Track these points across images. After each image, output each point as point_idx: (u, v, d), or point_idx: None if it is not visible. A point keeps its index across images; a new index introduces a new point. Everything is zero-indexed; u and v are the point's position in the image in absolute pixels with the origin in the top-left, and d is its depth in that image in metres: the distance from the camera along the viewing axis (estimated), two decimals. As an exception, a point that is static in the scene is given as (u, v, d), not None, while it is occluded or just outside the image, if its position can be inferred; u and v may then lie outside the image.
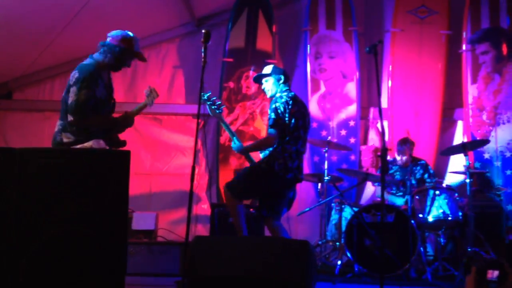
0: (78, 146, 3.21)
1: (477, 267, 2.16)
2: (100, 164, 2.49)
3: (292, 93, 3.80)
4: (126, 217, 2.65)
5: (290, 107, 3.64)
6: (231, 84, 5.86)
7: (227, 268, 2.75)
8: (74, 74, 3.26)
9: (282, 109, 3.63)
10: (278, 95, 3.77)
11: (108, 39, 3.42)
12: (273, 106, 3.66)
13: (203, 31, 3.26)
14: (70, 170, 2.45)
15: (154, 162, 5.85)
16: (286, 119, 3.63)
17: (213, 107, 3.84)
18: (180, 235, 5.04)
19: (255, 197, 4.12)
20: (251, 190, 3.79)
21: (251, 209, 4.70)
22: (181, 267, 4.21)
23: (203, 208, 5.75)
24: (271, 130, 3.62)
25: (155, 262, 4.26)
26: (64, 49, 5.57)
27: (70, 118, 3.20)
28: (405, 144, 5.11)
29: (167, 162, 5.78)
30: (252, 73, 5.85)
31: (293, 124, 3.65)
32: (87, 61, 3.38)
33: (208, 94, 3.85)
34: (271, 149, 3.69)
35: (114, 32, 3.46)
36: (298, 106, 3.72)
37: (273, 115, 3.62)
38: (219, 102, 3.87)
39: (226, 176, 5.49)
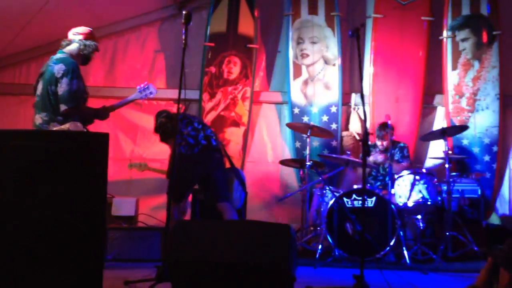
0: (55, 129, 3.18)
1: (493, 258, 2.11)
2: (78, 146, 2.43)
3: None
4: (104, 201, 2.61)
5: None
6: (213, 69, 5.79)
7: (208, 253, 2.73)
8: (60, 67, 3.42)
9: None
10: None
11: (74, 35, 3.61)
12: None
13: (183, 12, 3.22)
14: (46, 152, 2.39)
15: (135, 147, 5.78)
16: None
17: None
18: (162, 221, 5.01)
19: (189, 188, 4.37)
20: (183, 185, 4.13)
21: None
22: (162, 253, 4.18)
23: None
24: None
25: (135, 247, 4.23)
26: (40, 32, 5.42)
27: (63, 107, 3.35)
28: (384, 129, 5.16)
29: (147, 147, 5.71)
30: (233, 58, 5.81)
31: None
32: (63, 55, 3.54)
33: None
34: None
35: (78, 28, 3.66)
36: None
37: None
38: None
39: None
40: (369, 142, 5.56)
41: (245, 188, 4.62)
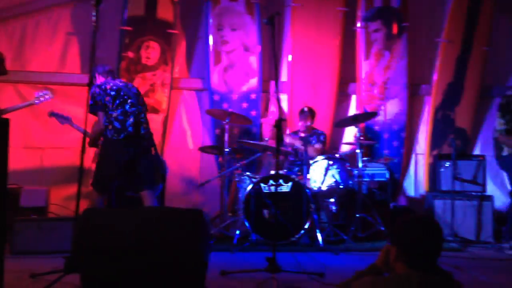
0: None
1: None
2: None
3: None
4: (5, 190, 2.48)
5: (104, 86, 4.16)
6: (130, 54, 5.63)
7: (118, 240, 2.69)
8: None
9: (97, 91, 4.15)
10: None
11: None
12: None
13: (94, -7, 3.10)
14: None
15: (46, 134, 5.50)
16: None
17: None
18: (75, 211, 4.83)
19: (113, 177, 4.19)
20: (105, 172, 4.06)
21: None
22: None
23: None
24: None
25: (45, 239, 4.06)
26: None
27: None
28: (304, 112, 5.38)
29: (60, 135, 5.47)
30: (152, 43, 5.68)
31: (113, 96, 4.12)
32: None
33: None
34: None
35: None
36: (113, 82, 4.23)
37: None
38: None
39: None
40: (288, 129, 5.72)
41: (164, 178, 4.58)
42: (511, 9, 6.37)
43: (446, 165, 5.47)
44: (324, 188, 4.81)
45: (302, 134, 5.43)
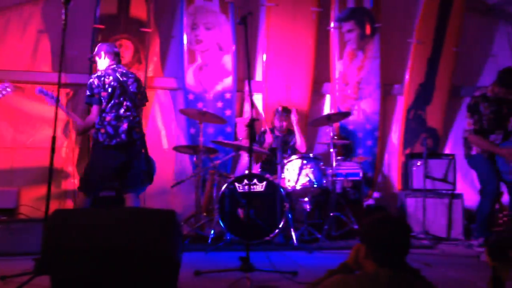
0: None
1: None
2: None
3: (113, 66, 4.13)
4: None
5: (103, 79, 3.99)
6: (103, 53, 5.55)
7: (89, 241, 2.65)
8: None
9: (95, 83, 4.00)
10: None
11: None
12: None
13: (64, -9, 3.05)
14: None
15: (17, 134, 5.39)
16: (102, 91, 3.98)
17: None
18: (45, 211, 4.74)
19: (101, 182, 4.11)
20: (94, 176, 3.96)
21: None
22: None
23: (73, 182, 5.46)
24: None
25: (15, 241, 3.97)
26: None
27: None
28: (278, 112, 5.40)
29: (31, 134, 5.35)
30: (125, 41, 5.62)
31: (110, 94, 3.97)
32: None
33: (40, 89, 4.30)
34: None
35: None
36: (113, 76, 4.03)
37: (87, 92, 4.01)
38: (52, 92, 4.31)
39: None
40: (263, 128, 5.73)
41: (152, 178, 4.48)
42: (480, 11, 6.52)
43: (418, 164, 5.57)
44: (298, 187, 4.84)
45: (279, 134, 5.44)
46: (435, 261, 4.08)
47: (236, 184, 4.69)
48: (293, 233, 4.55)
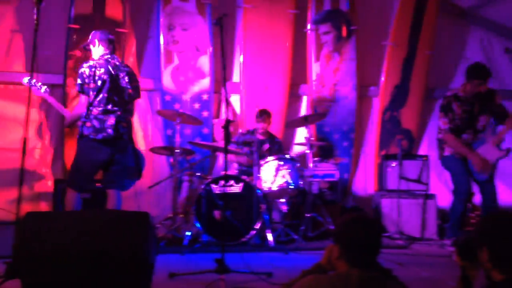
0: None
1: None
2: None
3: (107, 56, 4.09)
4: None
5: (94, 70, 3.96)
6: (78, 53, 5.48)
7: (60, 244, 2.62)
8: None
9: (87, 73, 3.97)
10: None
11: None
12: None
13: (36, -9, 3.00)
14: None
15: (-13, 135, 5.29)
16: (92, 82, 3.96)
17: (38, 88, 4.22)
18: (20, 215, 4.66)
19: (90, 177, 4.08)
20: (82, 171, 3.94)
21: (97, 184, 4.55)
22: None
23: (47, 185, 5.38)
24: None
25: (-15, 245, 3.89)
26: None
27: None
28: (256, 114, 5.40)
29: (3, 135, 5.25)
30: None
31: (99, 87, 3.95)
32: None
33: (28, 78, 4.08)
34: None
35: None
36: (105, 68, 3.99)
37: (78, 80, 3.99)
38: (40, 83, 4.25)
39: (72, 150, 5.18)
40: (241, 130, 5.73)
41: (141, 173, 4.43)
42: (454, 15, 6.65)
43: (393, 165, 5.65)
44: (275, 188, 4.85)
45: (261, 136, 5.46)
46: (409, 261, 4.14)
47: (213, 186, 4.68)
48: (269, 234, 4.56)
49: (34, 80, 4.17)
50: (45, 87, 4.32)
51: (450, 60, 6.60)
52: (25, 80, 4.19)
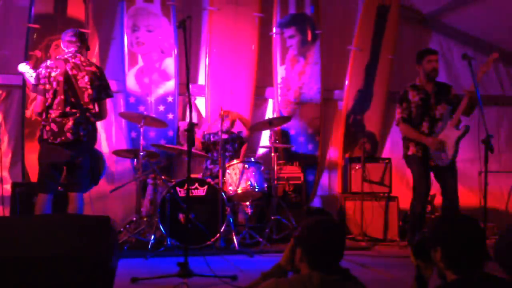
0: None
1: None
2: None
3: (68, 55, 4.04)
4: None
5: (49, 71, 3.93)
6: (38, 53, 5.34)
7: (17, 249, 2.53)
8: None
9: (42, 73, 3.94)
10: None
11: None
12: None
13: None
14: None
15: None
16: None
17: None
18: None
19: (52, 178, 3.99)
20: (42, 173, 3.91)
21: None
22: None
23: (6, 188, 5.21)
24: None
25: None
26: None
27: None
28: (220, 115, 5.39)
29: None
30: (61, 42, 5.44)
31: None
32: None
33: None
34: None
35: None
36: (62, 68, 3.94)
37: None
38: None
39: (32, 152, 5.05)
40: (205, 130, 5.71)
41: (101, 175, 4.37)
42: (414, 20, 6.82)
43: (356, 167, 5.74)
44: (239, 191, 4.85)
45: (225, 136, 5.44)
46: (371, 262, 4.22)
47: (177, 189, 4.64)
48: (234, 237, 4.56)
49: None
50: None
51: (412, 64, 6.72)
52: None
